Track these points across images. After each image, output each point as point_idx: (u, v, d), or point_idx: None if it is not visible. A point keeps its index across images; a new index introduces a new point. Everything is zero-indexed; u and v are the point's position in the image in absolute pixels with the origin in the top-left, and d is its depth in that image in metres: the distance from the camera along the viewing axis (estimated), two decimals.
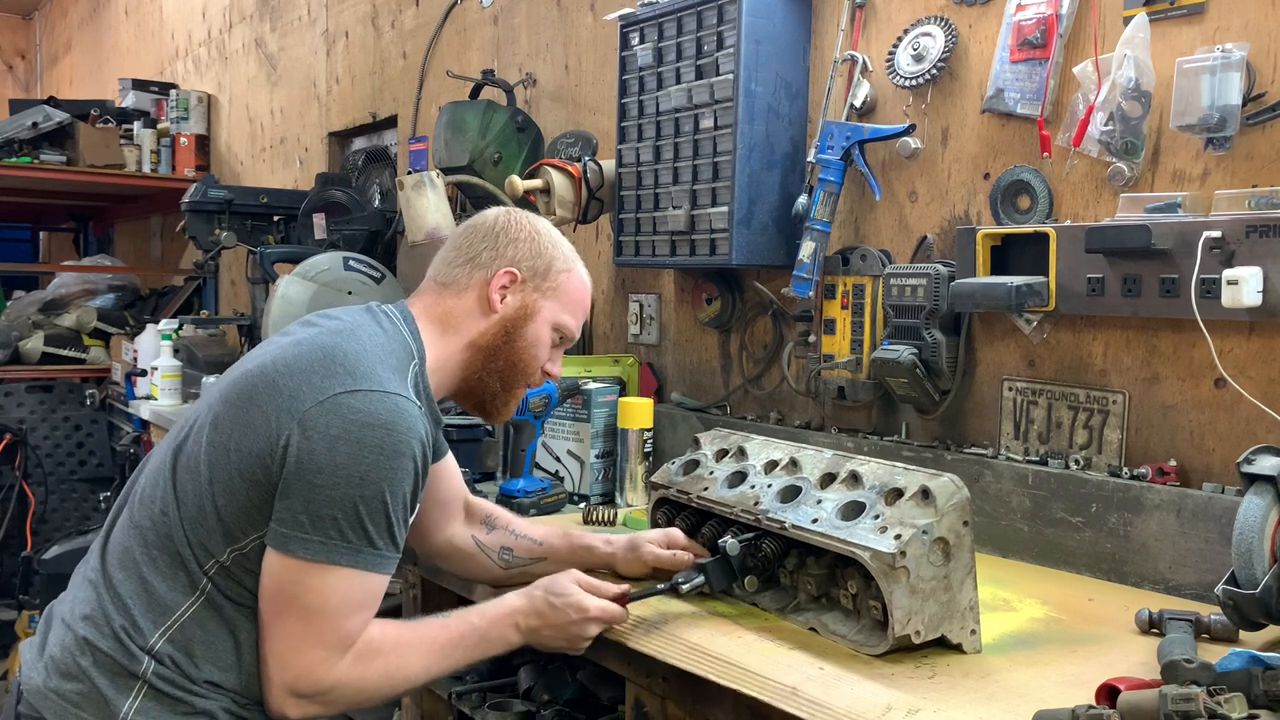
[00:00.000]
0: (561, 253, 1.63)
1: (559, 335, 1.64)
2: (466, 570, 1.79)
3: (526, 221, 1.63)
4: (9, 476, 4.66)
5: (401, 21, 3.84)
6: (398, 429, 1.36)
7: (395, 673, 1.42)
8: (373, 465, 1.34)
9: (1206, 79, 1.58)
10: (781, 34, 2.20)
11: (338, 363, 1.40)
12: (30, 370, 4.83)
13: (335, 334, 1.46)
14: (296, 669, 1.36)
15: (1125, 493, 1.70)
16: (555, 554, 1.73)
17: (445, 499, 1.75)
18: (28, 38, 9.75)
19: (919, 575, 1.33)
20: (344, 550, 1.35)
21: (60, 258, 7.34)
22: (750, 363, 2.43)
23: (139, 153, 5.44)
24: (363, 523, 1.35)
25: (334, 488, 1.34)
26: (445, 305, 1.58)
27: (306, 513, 1.34)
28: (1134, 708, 1.04)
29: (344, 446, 1.34)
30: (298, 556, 1.34)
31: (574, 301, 1.64)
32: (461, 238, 1.64)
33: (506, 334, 1.58)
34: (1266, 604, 1.31)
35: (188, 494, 1.40)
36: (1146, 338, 1.73)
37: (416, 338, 1.53)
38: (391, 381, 1.41)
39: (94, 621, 1.39)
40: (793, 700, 1.24)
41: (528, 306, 1.59)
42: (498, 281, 1.58)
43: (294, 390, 1.38)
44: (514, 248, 1.60)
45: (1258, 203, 1.56)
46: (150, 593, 1.39)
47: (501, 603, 1.51)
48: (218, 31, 5.58)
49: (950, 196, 2.01)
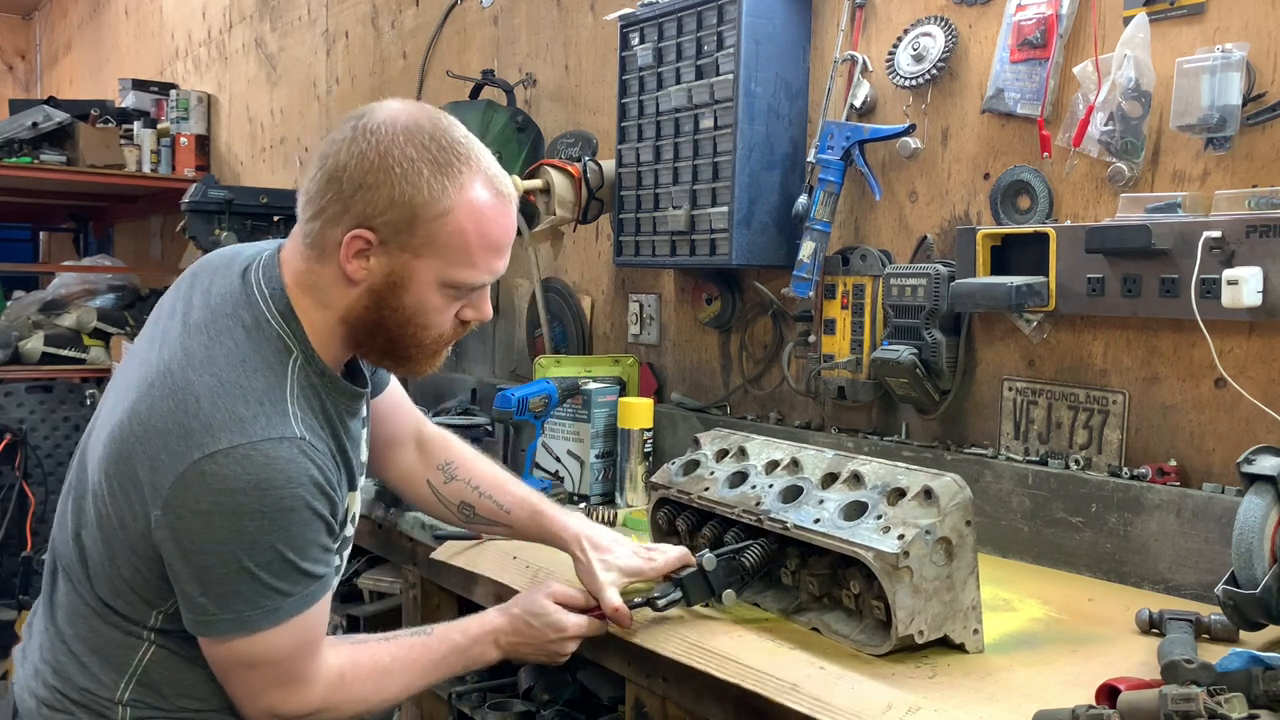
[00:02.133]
0: (428, 191, 1.25)
1: (458, 291, 1.32)
2: (429, 512, 1.73)
3: (375, 150, 1.24)
4: (9, 476, 4.66)
5: (401, 21, 3.84)
6: (274, 485, 1.21)
7: (374, 696, 1.39)
8: (257, 530, 1.21)
9: (1206, 79, 1.58)
10: (781, 34, 2.20)
11: (192, 415, 1.22)
12: (30, 370, 4.82)
13: (188, 365, 1.26)
14: (265, 705, 1.33)
15: (1125, 493, 1.70)
16: (520, 530, 1.65)
17: (392, 436, 1.64)
18: (28, 38, 9.74)
19: (922, 575, 1.33)
20: (260, 616, 1.25)
21: (60, 258, 7.34)
22: (750, 363, 2.43)
23: (139, 153, 5.43)
24: (270, 585, 1.24)
25: (224, 565, 1.22)
26: (312, 273, 1.32)
27: (206, 595, 1.24)
28: (1134, 708, 1.04)
29: (219, 521, 1.21)
30: (216, 637, 1.27)
31: (465, 250, 1.28)
32: (310, 176, 1.30)
33: (377, 307, 1.30)
34: (1266, 604, 1.31)
35: (97, 564, 1.31)
36: (1146, 338, 1.74)
37: (291, 320, 1.31)
38: (258, 421, 1.22)
39: (62, 676, 1.35)
40: (792, 695, 1.24)
41: (395, 273, 1.28)
42: (348, 249, 1.27)
43: (153, 461, 1.23)
44: (363, 197, 1.25)
45: (1258, 203, 1.56)
46: (101, 650, 1.33)
47: (483, 620, 1.49)
48: (218, 31, 5.58)
49: (950, 196, 2.01)
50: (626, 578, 1.53)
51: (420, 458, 1.67)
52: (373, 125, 1.27)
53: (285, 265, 1.35)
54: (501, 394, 2.22)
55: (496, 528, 1.67)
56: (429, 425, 1.70)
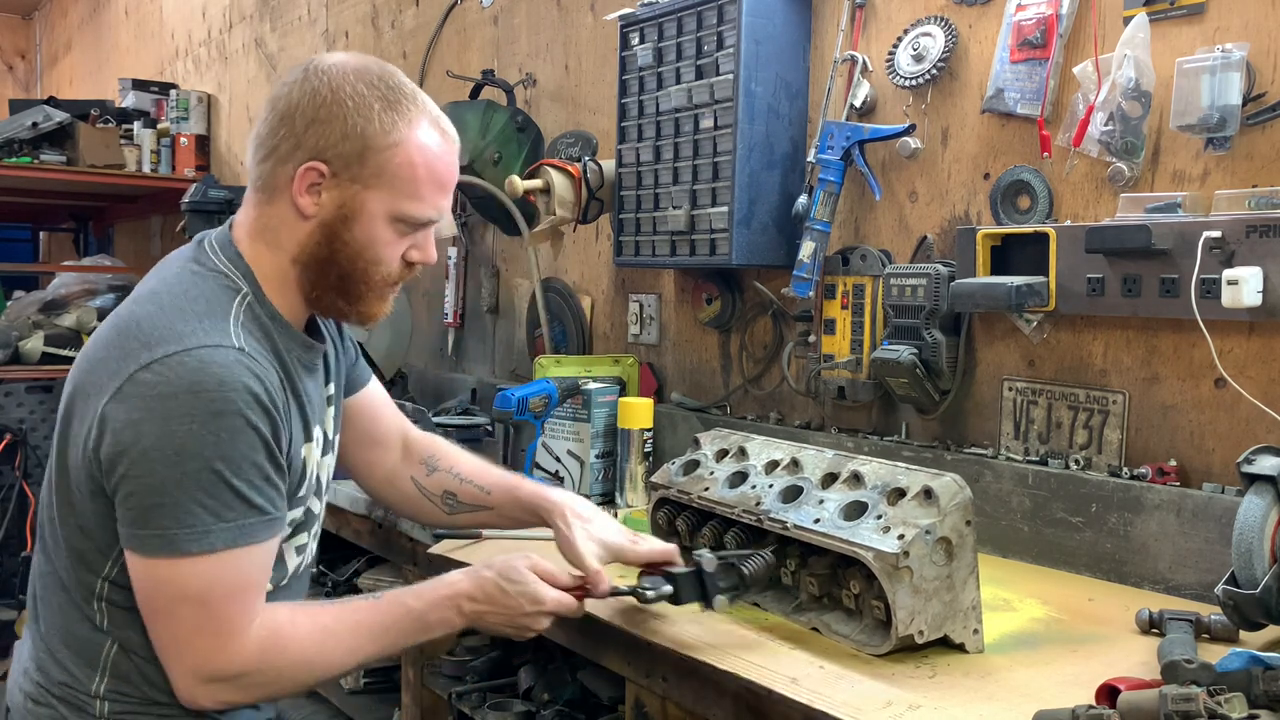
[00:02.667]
0: (379, 123, 1.29)
1: (406, 225, 1.35)
2: (413, 513, 1.69)
3: (328, 89, 1.29)
4: (9, 476, 4.66)
5: (401, 21, 3.84)
6: (205, 388, 1.19)
7: (316, 659, 1.30)
8: (187, 435, 1.18)
9: (1206, 79, 1.58)
10: (781, 34, 2.20)
11: (132, 336, 1.24)
12: (30, 370, 4.82)
13: (134, 302, 1.30)
14: (191, 659, 1.24)
15: (1125, 493, 1.70)
16: (502, 510, 1.61)
17: (375, 437, 1.61)
18: (28, 38, 9.74)
19: (922, 575, 1.33)
20: (188, 537, 1.19)
21: (60, 258, 7.33)
22: (750, 363, 2.43)
23: (139, 153, 5.43)
24: (198, 500, 1.19)
25: (152, 474, 1.19)
26: (263, 216, 1.34)
27: (137, 507, 1.21)
28: (1134, 708, 1.04)
29: (149, 427, 1.18)
30: (143, 554, 1.22)
31: (413, 182, 1.32)
32: (260, 122, 1.34)
33: (329, 242, 1.32)
34: (1266, 604, 1.31)
35: (51, 536, 1.32)
36: (1146, 338, 1.74)
37: (239, 263, 1.33)
38: (195, 334, 1.22)
39: (44, 671, 1.34)
40: (793, 687, 1.24)
41: (346, 204, 1.30)
42: (301, 182, 1.29)
43: (96, 386, 1.24)
44: (316, 131, 1.28)
45: (1258, 203, 1.56)
46: (73, 644, 1.32)
47: (443, 583, 1.38)
48: (218, 31, 5.58)
49: (950, 196, 2.01)
50: (608, 553, 1.47)
51: (404, 458, 1.65)
52: (324, 66, 1.32)
53: (235, 224, 1.38)
54: (501, 394, 2.22)
55: (480, 513, 1.62)
56: (415, 429, 1.68)
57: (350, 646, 1.32)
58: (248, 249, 1.34)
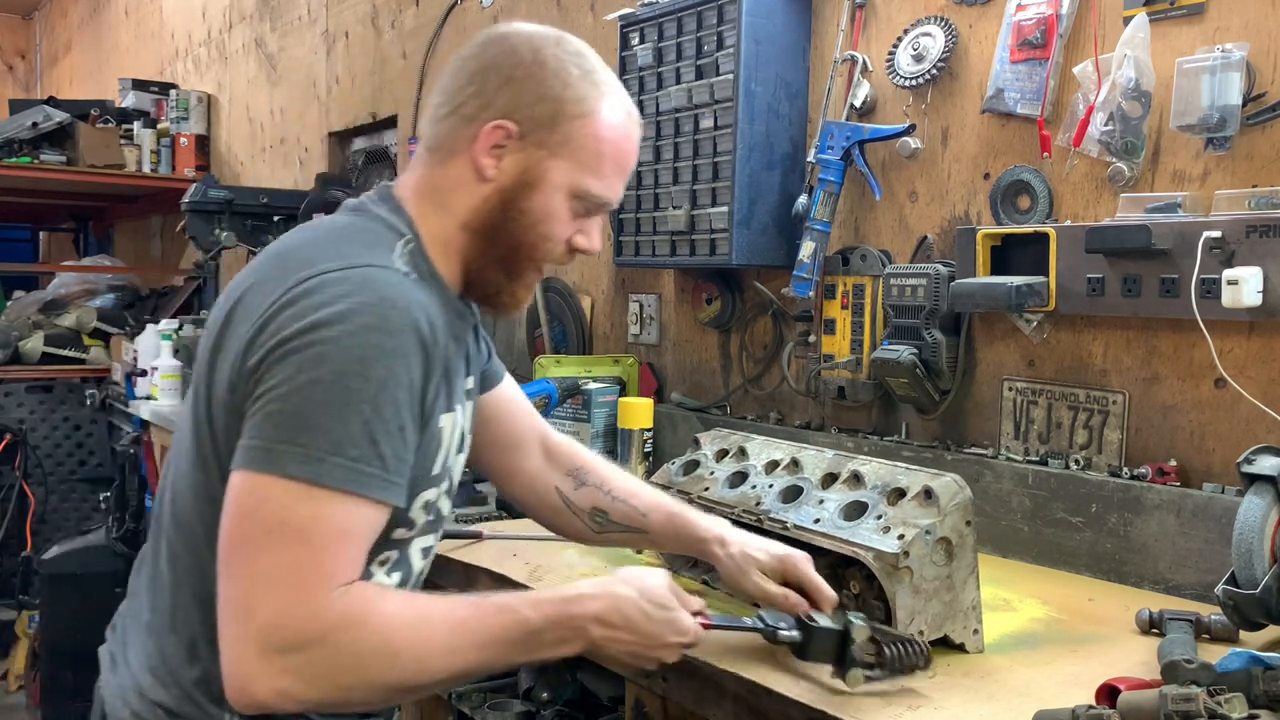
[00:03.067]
0: (575, 90, 1.22)
1: (583, 204, 1.26)
2: (556, 527, 1.54)
3: (528, 48, 1.23)
4: (9, 476, 4.66)
5: (401, 21, 3.84)
6: (364, 301, 1.07)
7: (404, 649, 1.07)
8: (330, 345, 1.05)
9: (1206, 79, 1.58)
10: (781, 34, 2.20)
11: (289, 258, 1.14)
12: (30, 370, 4.82)
13: (288, 236, 1.24)
14: (268, 609, 1.02)
15: (1125, 493, 1.70)
16: (657, 536, 1.48)
17: (513, 439, 1.48)
18: (28, 38, 9.75)
19: (922, 575, 1.33)
20: (297, 457, 1.03)
21: (60, 258, 7.34)
22: (750, 363, 2.43)
23: (139, 153, 5.43)
24: (319, 423, 1.04)
25: (282, 382, 1.05)
26: (433, 177, 1.25)
27: (256, 415, 1.06)
28: (1134, 708, 1.04)
29: (297, 336, 1.06)
30: (242, 468, 1.06)
31: (599, 158, 1.24)
32: (446, 79, 1.26)
33: (504, 209, 1.23)
34: (1266, 604, 1.31)
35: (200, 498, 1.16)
36: (1146, 338, 1.73)
37: (401, 213, 1.24)
38: (361, 256, 1.12)
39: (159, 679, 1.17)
40: (793, 687, 1.24)
41: (530, 171, 1.22)
42: (486, 140, 1.21)
43: (247, 312, 1.12)
44: (509, 90, 1.21)
45: (1258, 203, 1.56)
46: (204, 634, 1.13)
47: (568, 598, 1.16)
48: (218, 31, 5.58)
49: (950, 196, 2.01)
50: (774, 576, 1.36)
51: (548, 464, 1.51)
52: (523, 29, 1.26)
53: (398, 184, 1.29)
54: None
55: (630, 535, 1.49)
56: (555, 433, 1.56)
57: (448, 645, 1.09)
58: (413, 207, 1.24)
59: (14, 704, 4.29)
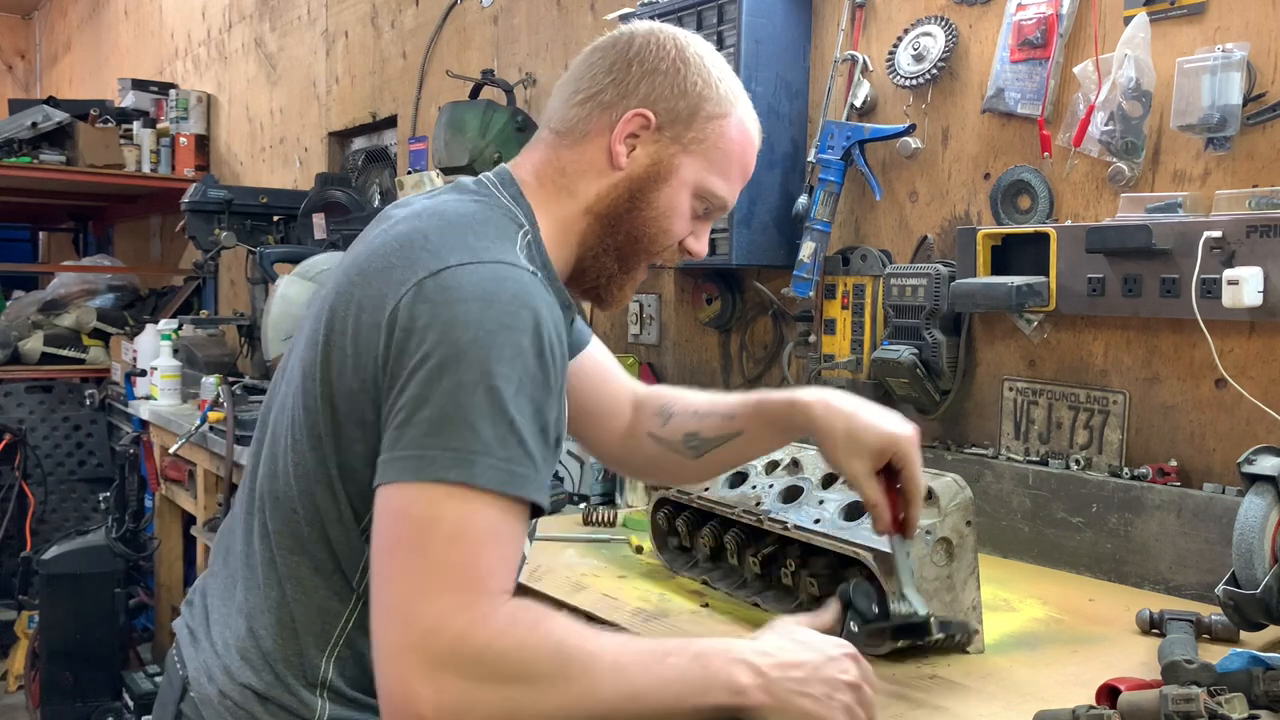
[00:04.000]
0: (716, 90, 1.24)
1: (704, 205, 1.27)
2: (657, 474, 1.52)
3: (672, 44, 1.24)
4: (9, 476, 4.66)
5: (401, 21, 3.84)
6: (498, 298, 1.05)
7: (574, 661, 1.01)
8: (470, 345, 1.03)
9: (1207, 79, 1.58)
10: (781, 34, 2.20)
11: (417, 247, 1.11)
12: (30, 370, 4.82)
13: (412, 218, 1.18)
14: (423, 622, 0.98)
15: (1126, 493, 1.70)
16: (754, 433, 1.40)
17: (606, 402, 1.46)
18: (27, 38, 9.75)
19: (922, 576, 1.33)
20: (448, 460, 1.00)
21: (60, 258, 7.33)
22: (750, 363, 2.43)
23: (138, 153, 5.44)
24: (469, 422, 1.01)
25: (424, 385, 1.03)
26: (560, 160, 1.25)
27: (401, 424, 1.03)
28: (1134, 708, 1.04)
29: (432, 335, 1.04)
30: (392, 481, 1.03)
31: (727, 159, 1.26)
32: (583, 67, 1.27)
33: (631, 198, 1.24)
34: (1267, 604, 1.31)
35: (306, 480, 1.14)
36: (1147, 338, 1.73)
37: (521, 202, 1.23)
38: (489, 250, 1.11)
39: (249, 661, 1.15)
40: None
41: (662, 163, 1.23)
42: (624, 128, 1.22)
43: (374, 299, 1.10)
44: (650, 82, 1.23)
45: (1258, 203, 1.56)
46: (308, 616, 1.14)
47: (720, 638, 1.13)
48: (217, 31, 5.58)
49: (950, 196, 2.01)
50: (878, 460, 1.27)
51: (637, 416, 1.48)
52: (667, 28, 1.27)
53: (517, 165, 1.30)
54: None
55: (729, 445, 1.41)
56: (642, 385, 1.53)
57: (616, 661, 1.03)
58: (533, 190, 1.25)
59: (13, 704, 4.28)
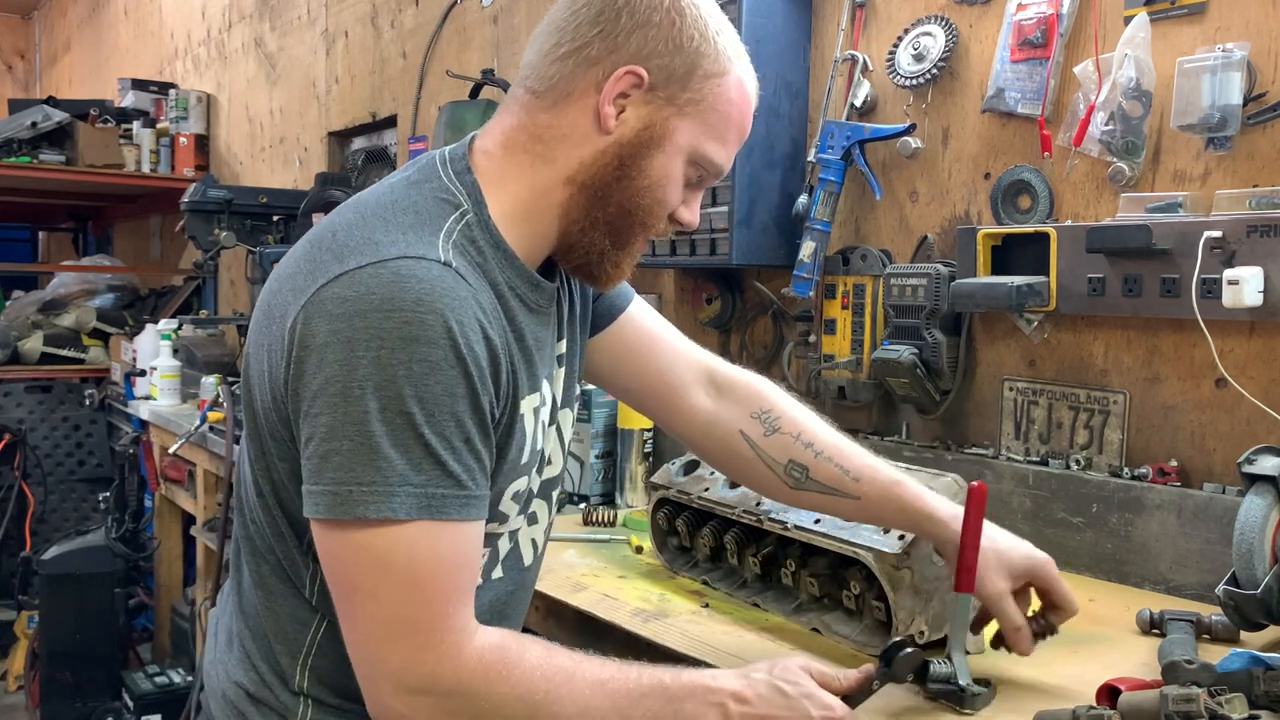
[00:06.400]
0: (714, 46, 1.11)
1: (699, 172, 1.15)
2: (737, 474, 1.40)
3: None
4: (8, 476, 4.66)
5: (401, 21, 3.83)
6: (398, 305, 0.96)
7: (542, 704, 1.01)
8: (372, 366, 0.95)
9: (1207, 79, 1.58)
10: (781, 33, 2.20)
11: (325, 248, 1.03)
12: (29, 370, 4.82)
13: (335, 211, 1.11)
14: (388, 665, 0.99)
15: (1126, 493, 1.70)
16: (870, 505, 1.30)
17: (663, 374, 1.34)
18: (27, 38, 9.75)
19: (922, 575, 1.33)
20: (364, 496, 0.96)
21: (59, 258, 7.33)
22: (750, 363, 2.43)
23: (138, 153, 5.43)
24: (380, 452, 0.95)
25: (329, 412, 0.96)
26: (536, 124, 1.11)
27: (313, 456, 0.98)
28: (1135, 708, 1.04)
29: (331, 354, 0.96)
30: (320, 518, 0.99)
31: (725, 122, 1.14)
32: (564, 15, 1.11)
33: (620, 167, 1.10)
34: (1267, 604, 1.31)
35: (253, 490, 1.13)
36: (1147, 338, 1.73)
37: (465, 177, 1.10)
38: (397, 244, 1.00)
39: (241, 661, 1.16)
40: None
41: (654, 127, 1.10)
42: (614, 87, 1.08)
43: (280, 308, 1.04)
44: (643, 35, 1.08)
45: (1259, 203, 1.56)
46: (278, 624, 1.13)
47: (699, 674, 1.10)
48: (217, 31, 5.58)
49: (950, 196, 2.01)
50: (1017, 581, 1.25)
51: (724, 403, 1.36)
52: None
53: (485, 132, 1.16)
54: None
55: (835, 498, 1.31)
56: (724, 363, 1.39)
57: (586, 704, 1.03)
58: (498, 162, 1.12)
59: (13, 704, 4.28)
